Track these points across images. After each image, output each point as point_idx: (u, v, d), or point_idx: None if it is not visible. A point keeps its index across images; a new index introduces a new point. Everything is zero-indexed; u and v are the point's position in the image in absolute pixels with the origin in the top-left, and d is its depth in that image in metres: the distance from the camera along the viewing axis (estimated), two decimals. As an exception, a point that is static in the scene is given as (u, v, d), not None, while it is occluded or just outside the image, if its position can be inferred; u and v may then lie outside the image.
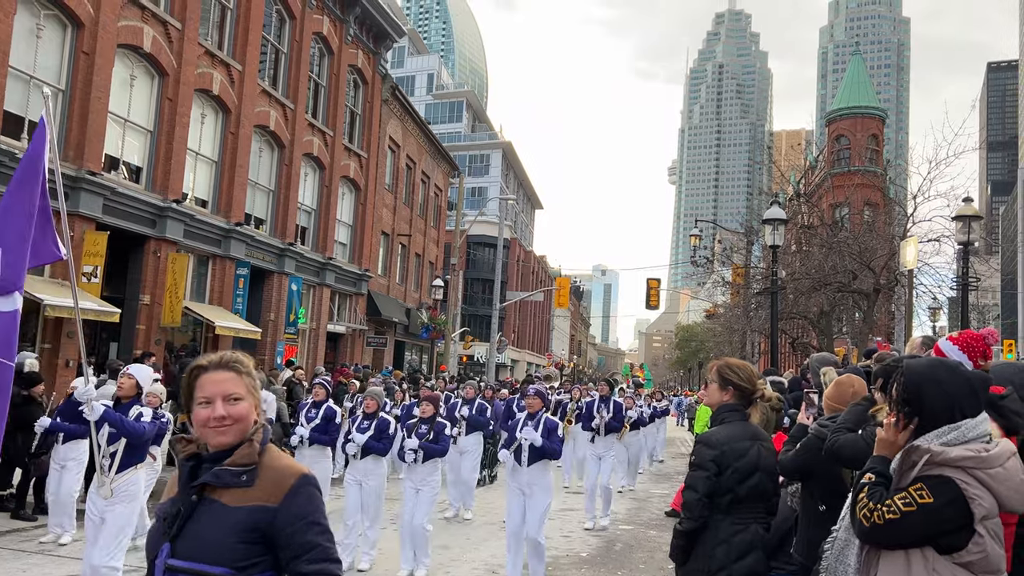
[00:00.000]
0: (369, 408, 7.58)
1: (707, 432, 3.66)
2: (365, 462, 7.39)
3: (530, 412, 7.21)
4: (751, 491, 3.50)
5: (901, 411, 2.47)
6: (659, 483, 15.81)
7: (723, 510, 3.48)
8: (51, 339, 14.35)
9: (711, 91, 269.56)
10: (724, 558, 3.41)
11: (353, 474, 7.43)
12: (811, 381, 6.16)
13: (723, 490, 3.47)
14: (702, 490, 3.46)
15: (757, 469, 3.52)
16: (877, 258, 21.98)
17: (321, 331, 25.23)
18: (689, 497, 3.51)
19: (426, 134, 35.74)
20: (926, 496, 2.23)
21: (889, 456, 2.46)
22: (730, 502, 3.47)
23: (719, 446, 3.51)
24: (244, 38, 20.14)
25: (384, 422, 7.47)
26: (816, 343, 25.16)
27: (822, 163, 40.99)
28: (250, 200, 21.19)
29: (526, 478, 6.94)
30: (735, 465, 3.48)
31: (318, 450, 7.84)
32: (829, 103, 57.06)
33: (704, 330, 63.40)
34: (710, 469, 3.48)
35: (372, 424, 7.43)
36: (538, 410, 7.22)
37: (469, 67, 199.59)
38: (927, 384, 2.43)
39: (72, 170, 14.59)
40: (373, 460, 7.43)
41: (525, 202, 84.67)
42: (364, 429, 7.41)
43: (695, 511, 3.47)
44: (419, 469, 7.22)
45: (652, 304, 31.00)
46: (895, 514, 2.25)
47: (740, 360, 3.99)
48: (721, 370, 3.74)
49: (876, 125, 40.91)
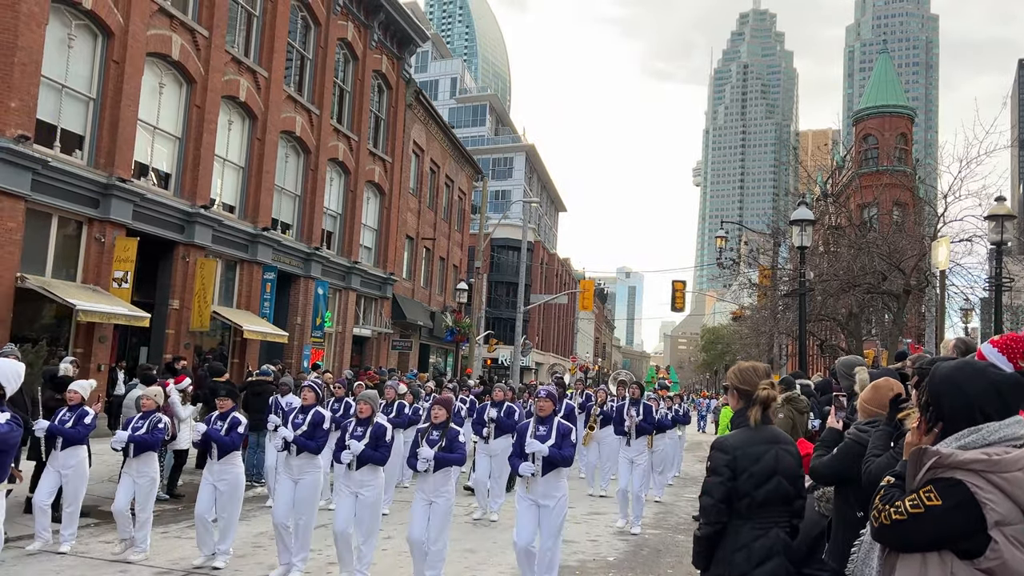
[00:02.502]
0: (363, 413, 6.96)
1: (721, 437, 3.69)
2: (361, 472, 6.73)
3: (540, 416, 6.69)
4: (770, 495, 3.47)
5: (925, 415, 2.45)
6: (687, 487, 15.70)
7: (742, 515, 3.46)
8: (83, 343, 14.58)
9: (736, 91, 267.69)
10: (744, 563, 3.38)
11: (348, 484, 6.74)
12: (840, 385, 6.08)
13: (740, 495, 3.45)
14: (717, 495, 3.45)
15: (775, 473, 3.49)
16: (907, 259, 21.66)
17: (347, 335, 25.40)
18: (705, 502, 3.51)
19: (450, 138, 35.87)
20: (934, 499, 2.20)
21: (914, 460, 2.44)
22: (748, 507, 3.45)
23: (732, 451, 3.51)
24: (270, 45, 20.36)
25: (380, 428, 6.86)
26: (845, 345, 24.86)
27: (850, 163, 40.51)
28: (276, 205, 21.40)
29: (541, 489, 6.40)
30: (751, 469, 3.46)
31: (306, 458, 7.13)
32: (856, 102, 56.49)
33: (730, 332, 62.94)
34: (724, 474, 3.47)
35: (367, 431, 6.81)
36: (549, 414, 6.70)
37: (492, 70, 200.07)
38: (948, 386, 2.41)
39: (103, 177, 14.84)
40: (370, 470, 6.77)
41: (548, 204, 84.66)
42: (359, 436, 6.78)
43: (711, 516, 3.47)
44: (431, 479, 6.54)
45: (678, 306, 30.83)
46: (901, 515, 2.23)
47: (752, 362, 3.98)
48: (729, 375, 3.79)
49: (905, 124, 40.36)
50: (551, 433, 6.53)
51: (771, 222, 32.28)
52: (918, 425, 2.45)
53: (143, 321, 15.06)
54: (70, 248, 14.80)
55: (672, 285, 30.76)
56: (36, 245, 13.91)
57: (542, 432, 6.56)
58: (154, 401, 7.83)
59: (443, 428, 6.71)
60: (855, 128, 42.21)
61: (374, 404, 7.11)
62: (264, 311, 20.24)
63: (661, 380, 32.62)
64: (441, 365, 36.67)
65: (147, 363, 14.22)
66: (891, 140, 38.83)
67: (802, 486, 3.64)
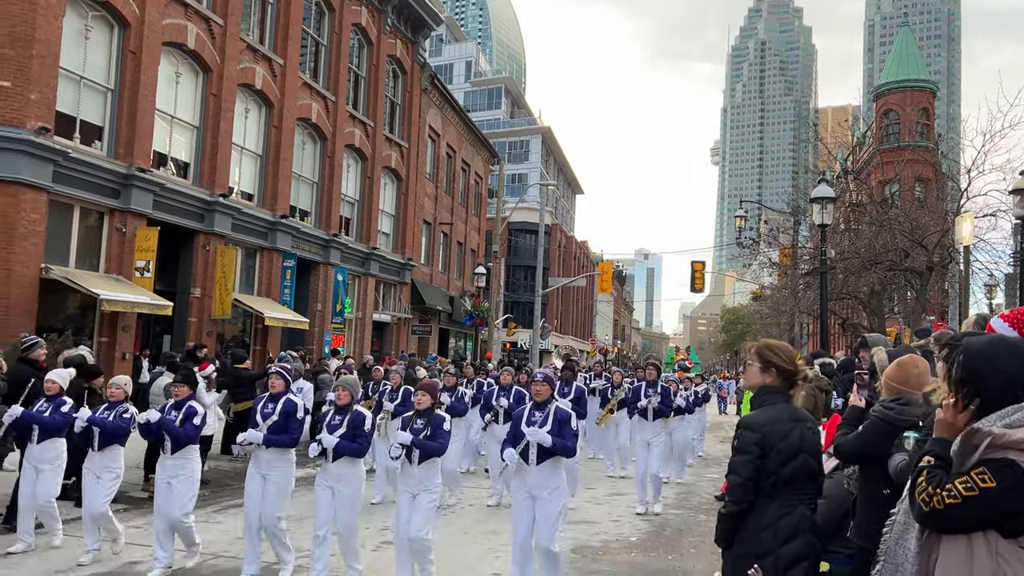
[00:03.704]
0: (342, 400, 6.39)
1: (748, 415, 3.61)
2: (339, 465, 6.17)
3: (537, 401, 6.20)
4: (796, 473, 3.45)
5: (959, 392, 2.40)
6: (708, 467, 15.69)
7: (768, 493, 3.43)
8: (107, 333, 14.76)
9: (754, 69, 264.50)
10: (771, 541, 3.36)
11: (324, 478, 6.25)
12: (863, 362, 6.03)
13: (767, 473, 3.42)
14: (745, 473, 3.42)
15: (801, 451, 3.47)
16: (930, 235, 21.38)
17: (367, 320, 25.53)
18: (733, 481, 3.47)
19: (465, 122, 35.78)
20: (988, 480, 2.17)
21: (948, 438, 2.40)
22: (775, 484, 3.43)
23: (760, 428, 3.46)
24: (285, 32, 20.36)
25: (359, 417, 6.29)
26: (867, 324, 24.63)
27: (870, 139, 39.98)
28: (295, 192, 21.49)
29: (534, 479, 5.93)
30: (778, 447, 3.43)
31: (277, 453, 6.43)
32: (877, 77, 55.63)
33: (751, 312, 62.56)
34: (753, 452, 3.43)
35: (345, 420, 6.26)
36: (547, 398, 6.21)
37: (507, 52, 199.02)
38: (985, 363, 2.36)
39: (123, 167, 14.95)
40: (348, 463, 6.21)
41: (565, 187, 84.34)
42: (335, 426, 6.24)
43: (739, 495, 3.44)
44: (414, 472, 6.09)
45: (697, 287, 30.64)
46: (955, 499, 2.19)
47: (780, 341, 3.93)
48: (762, 352, 3.68)
49: (927, 98, 39.73)
50: (547, 420, 6.03)
51: (791, 200, 31.97)
52: (954, 403, 2.41)
53: (166, 310, 15.21)
54: (92, 239, 14.96)
55: (691, 266, 30.58)
56: (59, 236, 14.07)
57: (538, 417, 6.06)
58: (123, 390, 7.21)
59: (427, 415, 6.21)
60: (876, 103, 41.61)
61: (354, 391, 6.53)
62: (284, 298, 20.38)
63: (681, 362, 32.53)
64: (461, 349, 36.80)
65: (170, 351, 14.39)
66: (913, 115, 38.25)
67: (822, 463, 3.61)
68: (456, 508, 9.91)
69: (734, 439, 3.58)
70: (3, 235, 12.66)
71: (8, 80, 12.84)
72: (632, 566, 7.56)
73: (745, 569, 3.32)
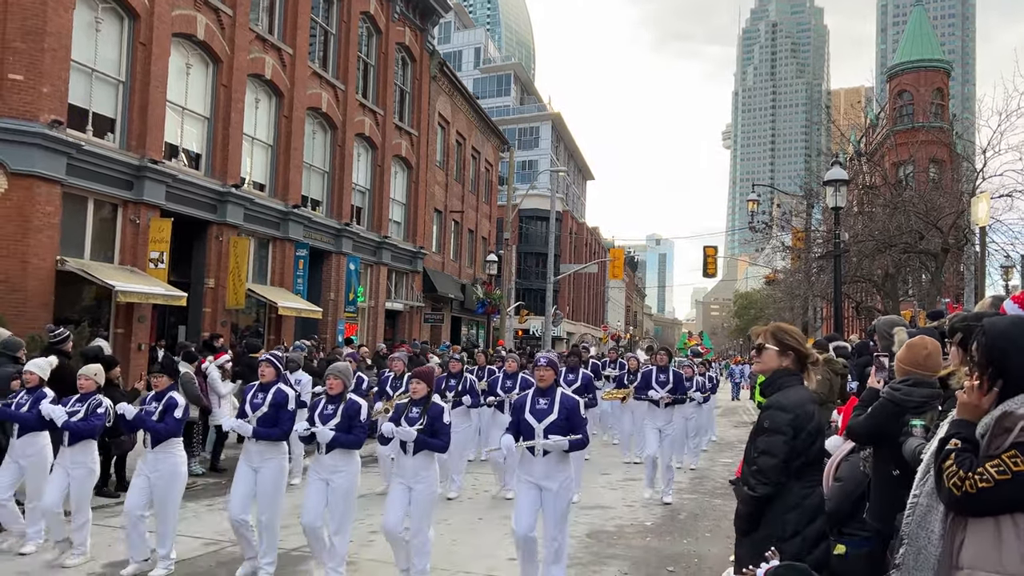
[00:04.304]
0: (334, 389, 6.05)
1: (778, 396, 3.54)
2: (332, 456, 5.89)
3: (541, 388, 5.78)
4: (817, 454, 3.50)
5: (984, 373, 2.39)
6: (722, 452, 15.69)
7: (794, 475, 3.42)
8: (123, 324, 14.88)
9: (765, 51, 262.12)
10: (798, 523, 3.35)
11: (317, 470, 5.95)
12: (879, 345, 6.00)
13: (796, 454, 3.40)
14: (781, 454, 3.36)
15: (821, 431, 3.52)
16: (945, 216, 21.20)
17: (380, 309, 25.61)
18: (766, 463, 3.40)
19: (475, 109, 35.67)
20: (1021, 464, 2.16)
21: (972, 420, 2.39)
22: (801, 465, 3.43)
23: (793, 410, 3.42)
24: (293, 21, 20.34)
25: (353, 406, 5.96)
26: (881, 307, 24.50)
27: (884, 120, 39.59)
28: (306, 182, 21.53)
29: (541, 469, 5.56)
30: (808, 428, 3.43)
31: (267, 445, 6.12)
32: (890, 58, 55.00)
33: (763, 297, 62.28)
34: (787, 433, 3.39)
35: (338, 409, 5.94)
36: (551, 384, 5.78)
37: (515, 38, 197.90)
38: (1008, 343, 2.34)
39: (135, 159, 15.01)
40: (342, 454, 5.90)
41: (576, 174, 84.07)
42: (328, 416, 5.93)
43: (772, 476, 3.37)
44: (409, 462, 5.78)
45: (709, 272, 30.51)
46: (988, 483, 2.18)
47: (785, 324, 3.92)
48: (778, 334, 3.66)
49: (941, 78, 39.30)
50: (552, 407, 5.63)
51: (804, 183, 31.74)
52: (978, 385, 2.39)
53: (180, 300, 15.31)
54: (106, 230, 15.05)
55: (703, 251, 30.43)
56: (74, 228, 14.16)
57: (542, 405, 5.69)
58: (93, 381, 6.76)
59: (423, 404, 5.93)
60: (889, 84, 41.20)
61: (346, 379, 6.15)
62: (298, 287, 20.46)
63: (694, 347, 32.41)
64: (474, 337, 36.87)
65: (186, 341, 14.49)
66: (927, 95, 37.85)
67: None
68: (471, 494, 9.95)
69: (761, 421, 3.53)
70: (19, 228, 12.76)
71: (20, 73, 12.90)
72: (647, 551, 7.59)
73: (763, 550, 3.31)
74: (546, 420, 5.59)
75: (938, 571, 2.37)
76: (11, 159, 12.69)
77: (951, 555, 2.31)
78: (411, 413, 5.88)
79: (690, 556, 7.42)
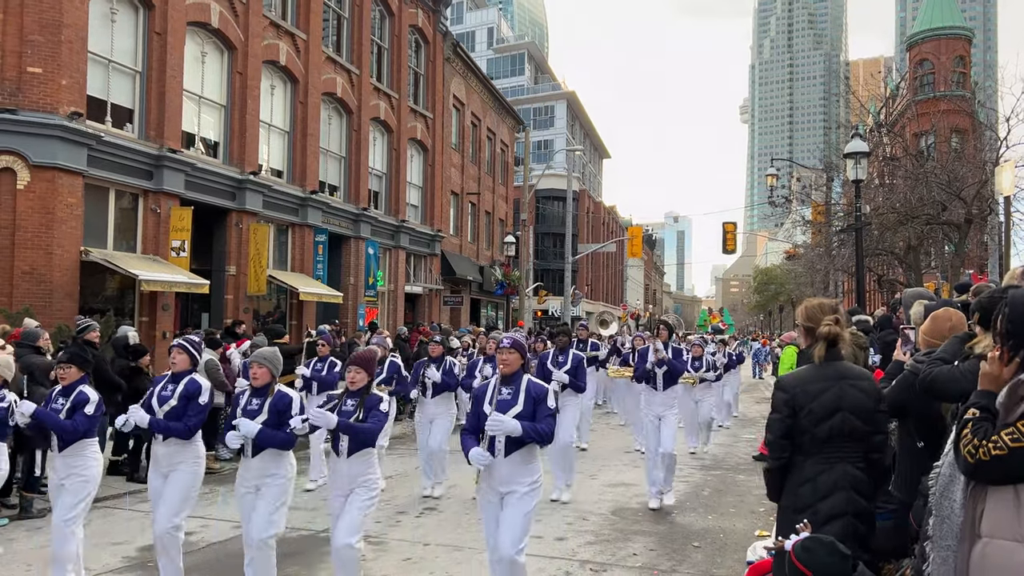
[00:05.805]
0: (257, 380, 5.12)
1: (783, 376, 3.83)
2: (261, 459, 5.01)
3: (504, 374, 4.82)
4: (834, 431, 3.53)
5: (1005, 344, 2.39)
6: (746, 427, 15.69)
7: (805, 451, 3.58)
8: (147, 312, 15.06)
9: (782, 23, 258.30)
10: (810, 496, 3.50)
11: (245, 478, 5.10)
12: (904, 318, 5.96)
13: (800, 431, 3.58)
14: (776, 432, 3.63)
15: (839, 409, 3.54)
16: (968, 187, 20.92)
17: (399, 293, 25.73)
18: (768, 439, 3.73)
19: (489, 90, 35.52)
20: None
21: (994, 390, 2.39)
22: (811, 443, 3.56)
23: (791, 389, 3.65)
24: (306, 6, 20.31)
25: (283, 399, 5.07)
26: (904, 279, 24.26)
27: (904, 90, 39.00)
28: (323, 168, 21.59)
29: (504, 472, 4.63)
30: (809, 407, 3.57)
31: (177, 447, 5.23)
32: (910, 26, 54.02)
33: (784, 272, 61.86)
34: (783, 411, 3.63)
35: (264, 404, 5.04)
36: (516, 370, 4.82)
37: (528, 17, 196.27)
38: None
39: (154, 149, 15.13)
40: (273, 456, 5.03)
41: (592, 152, 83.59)
42: (253, 412, 5.02)
43: (774, 451, 3.68)
44: (343, 466, 4.86)
45: (729, 248, 30.36)
46: (1002, 450, 2.20)
47: (819, 299, 4.06)
48: (797, 313, 4.01)
49: (962, 46, 38.56)
50: (517, 397, 4.70)
51: (823, 156, 31.38)
52: (1000, 355, 2.39)
53: (203, 288, 15.46)
54: (128, 220, 15.20)
55: (722, 227, 30.26)
56: (96, 219, 14.32)
57: (505, 395, 4.74)
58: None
59: (360, 396, 5.00)
60: (909, 53, 40.50)
61: (272, 367, 5.18)
62: (318, 273, 20.60)
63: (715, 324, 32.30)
64: (493, 319, 36.96)
65: (210, 328, 14.66)
66: (948, 64, 37.19)
67: (880, 420, 3.65)
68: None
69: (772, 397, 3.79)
70: (43, 220, 12.92)
71: (39, 66, 13.00)
72: (672, 526, 7.63)
73: (788, 521, 3.41)
74: (510, 412, 4.65)
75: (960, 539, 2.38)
76: (33, 152, 12.83)
77: (972, 524, 2.32)
78: (345, 406, 5.00)
79: (715, 532, 7.46)
